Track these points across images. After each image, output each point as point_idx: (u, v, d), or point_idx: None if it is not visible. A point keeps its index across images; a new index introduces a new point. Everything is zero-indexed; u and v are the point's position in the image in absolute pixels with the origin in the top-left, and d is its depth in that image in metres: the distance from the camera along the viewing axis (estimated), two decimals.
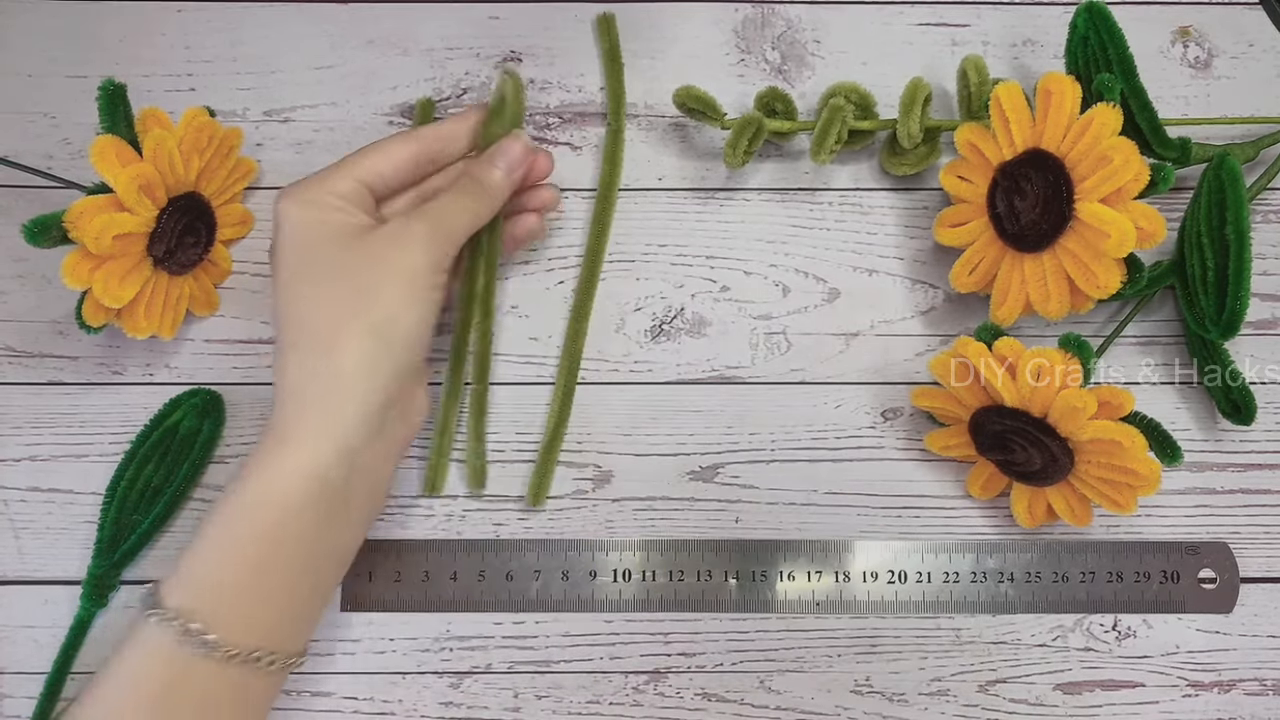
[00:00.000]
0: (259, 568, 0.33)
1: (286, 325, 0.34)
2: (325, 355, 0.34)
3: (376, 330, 0.34)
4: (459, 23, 0.46)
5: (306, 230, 0.35)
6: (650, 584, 0.41)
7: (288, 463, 0.33)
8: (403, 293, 0.34)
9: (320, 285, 0.34)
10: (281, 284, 0.35)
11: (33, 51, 0.45)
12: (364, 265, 0.34)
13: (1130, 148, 0.35)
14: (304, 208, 0.35)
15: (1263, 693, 0.41)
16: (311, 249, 0.35)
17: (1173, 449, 0.38)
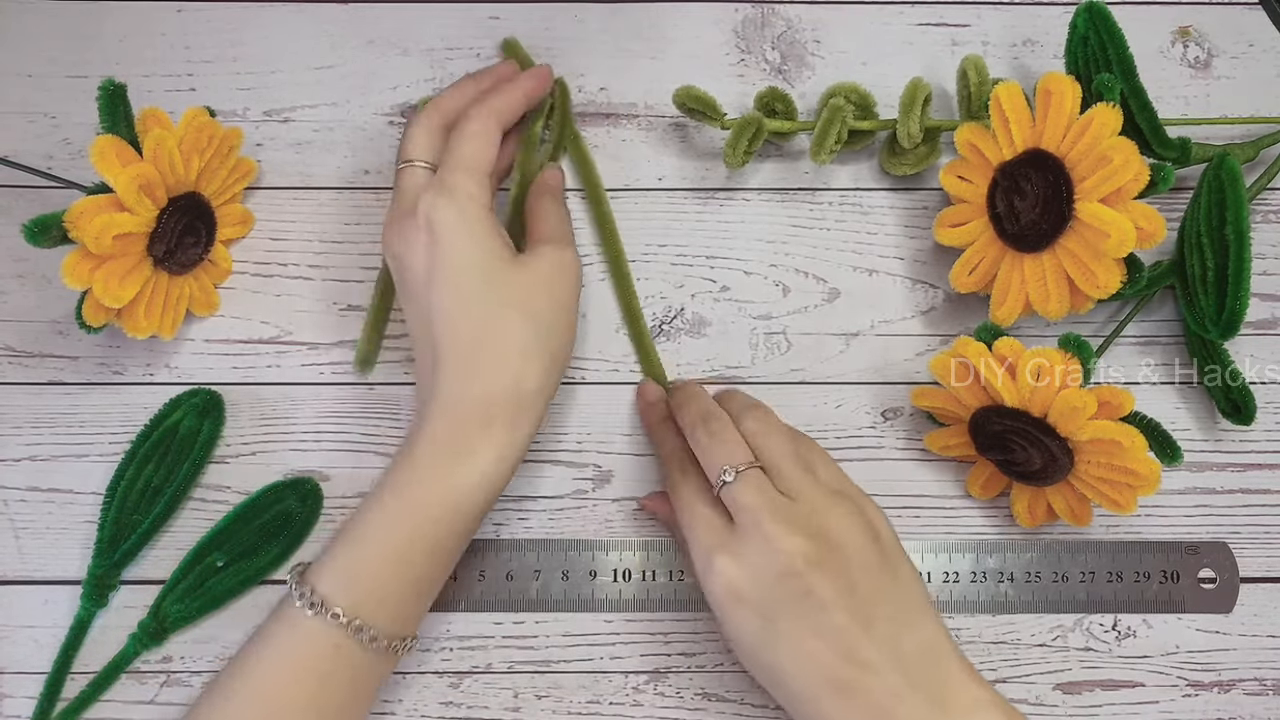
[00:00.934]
0: (423, 576, 0.35)
1: (458, 344, 0.36)
2: (514, 380, 0.35)
3: (554, 358, 0.37)
4: (459, 23, 0.46)
5: (476, 250, 0.36)
6: (650, 584, 0.41)
7: (472, 476, 0.35)
8: (570, 321, 0.38)
9: (502, 311, 0.36)
10: (454, 303, 0.36)
11: (33, 51, 0.45)
12: (536, 294, 0.37)
13: (1130, 148, 0.35)
14: (470, 226, 0.36)
15: (1262, 692, 0.41)
16: (486, 272, 0.36)
17: (1172, 449, 0.38)
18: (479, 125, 0.38)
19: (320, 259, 0.44)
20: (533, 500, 0.42)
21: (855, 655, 0.32)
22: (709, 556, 0.34)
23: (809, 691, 0.32)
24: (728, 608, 0.34)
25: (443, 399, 0.35)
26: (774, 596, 0.33)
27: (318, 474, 0.42)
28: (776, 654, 0.33)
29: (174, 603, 0.40)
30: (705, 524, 0.35)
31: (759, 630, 0.33)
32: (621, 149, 0.45)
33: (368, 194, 0.45)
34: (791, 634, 0.33)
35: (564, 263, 0.38)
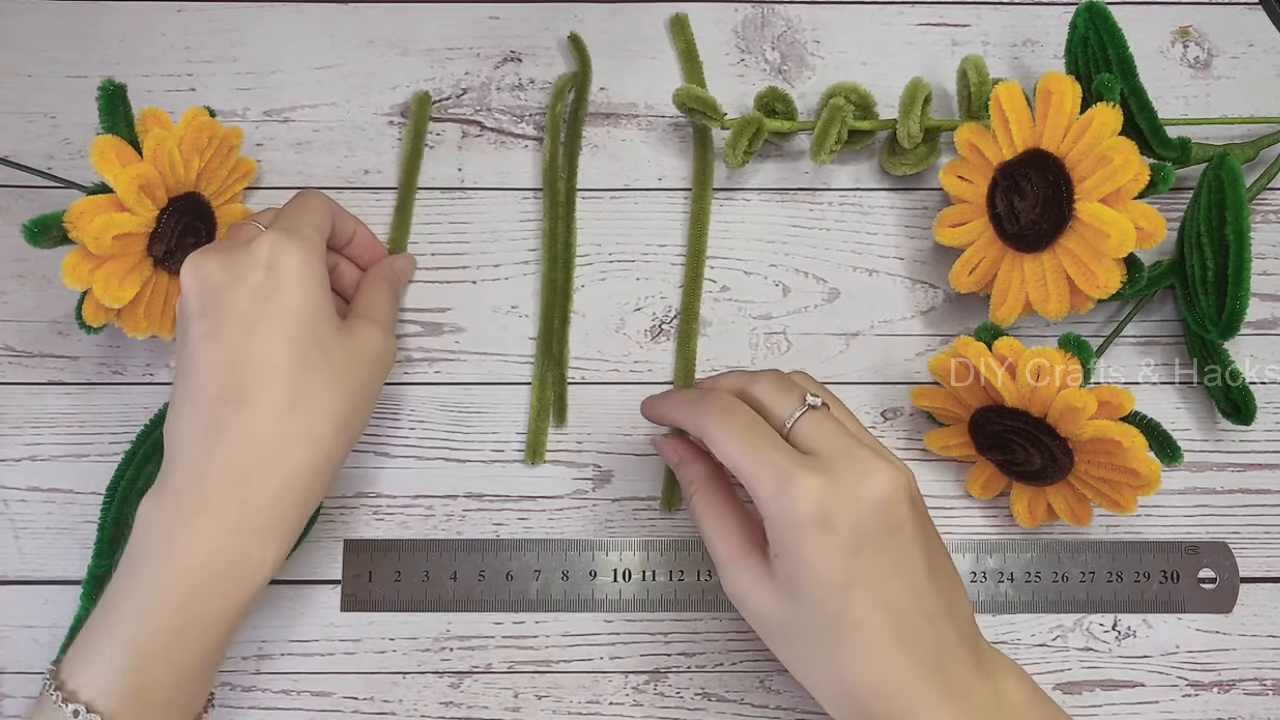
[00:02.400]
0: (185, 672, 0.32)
1: (270, 394, 0.33)
2: (326, 452, 0.34)
3: (352, 438, 0.36)
4: (459, 23, 0.46)
5: (311, 303, 0.34)
6: (650, 584, 0.41)
7: (264, 569, 0.33)
8: (370, 407, 0.37)
9: (323, 374, 0.34)
10: (278, 352, 0.33)
11: (33, 51, 0.45)
12: (357, 368, 0.36)
13: (1130, 148, 0.35)
14: (313, 276, 0.35)
15: (1262, 693, 0.41)
16: (315, 329, 0.34)
17: (1173, 449, 0.38)
18: (319, 199, 0.39)
19: None
20: (533, 500, 0.42)
21: (924, 603, 0.31)
22: (789, 476, 0.30)
23: (872, 637, 0.31)
24: (810, 532, 0.30)
25: (236, 450, 0.33)
26: (866, 527, 0.30)
27: None
28: (850, 592, 0.30)
29: None
30: (779, 450, 0.31)
31: (839, 561, 0.30)
32: (621, 149, 0.45)
33: (368, 194, 0.45)
34: (873, 570, 0.30)
35: (387, 348, 0.37)
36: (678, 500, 0.42)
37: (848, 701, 0.32)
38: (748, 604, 0.33)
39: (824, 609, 0.31)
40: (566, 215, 0.44)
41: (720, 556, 0.34)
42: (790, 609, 0.32)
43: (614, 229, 0.45)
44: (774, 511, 0.31)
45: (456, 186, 0.45)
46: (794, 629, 0.32)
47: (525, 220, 0.45)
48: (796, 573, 0.31)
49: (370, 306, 0.38)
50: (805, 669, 0.33)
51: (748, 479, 0.31)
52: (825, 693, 0.32)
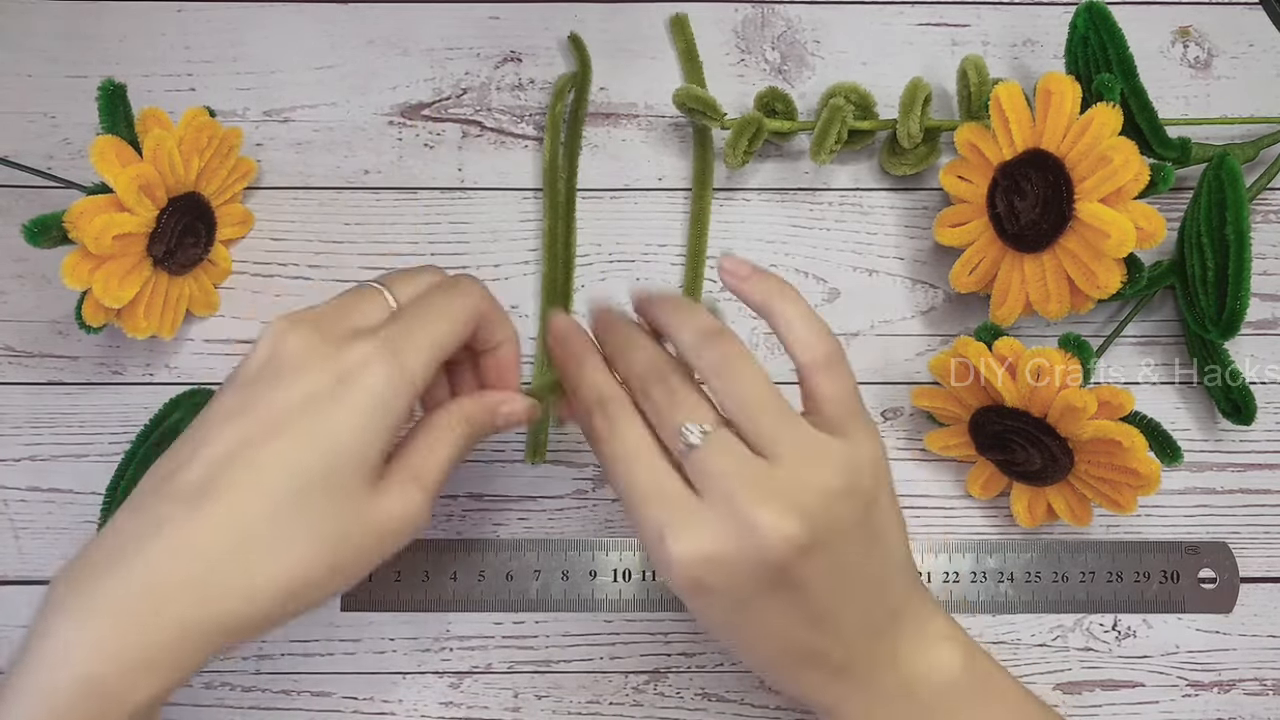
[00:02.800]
0: None
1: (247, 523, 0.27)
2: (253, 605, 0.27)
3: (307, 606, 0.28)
4: (459, 23, 0.46)
5: (362, 443, 0.28)
6: (650, 584, 0.41)
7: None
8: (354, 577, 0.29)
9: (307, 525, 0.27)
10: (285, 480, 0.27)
11: (33, 51, 0.45)
12: (364, 539, 0.28)
13: (1130, 148, 0.35)
14: (384, 411, 0.28)
15: (1263, 693, 0.41)
16: (339, 470, 0.28)
17: (1173, 449, 0.38)
18: (471, 302, 0.31)
19: (320, 259, 0.44)
20: (533, 500, 0.42)
21: (825, 626, 0.30)
22: (662, 533, 0.28)
23: (771, 659, 0.31)
24: (688, 594, 0.29)
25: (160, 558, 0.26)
26: (748, 586, 0.28)
27: None
28: (740, 633, 0.30)
29: None
30: (656, 488, 0.29)
31: (724, 614, 0.29)
32: (621, 149, 0.45)
33: (368, 194, 0.45)
34: (762, 614, 0.29)
35: (418, 521, 0.29)
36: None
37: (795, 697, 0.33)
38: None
39: (720, 636, 0.32)
40: (566, 215, 0.44)
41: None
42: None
43: (614, 229, 0.45)
44: (655, 562, 0.29)
45: (456, 186, 0.45)
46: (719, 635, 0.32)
47: (525, 220, 0.45)
48: (691, 610, 0.31)
49: (424, 465, 0.30)
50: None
51: (630, 511, 0.30)
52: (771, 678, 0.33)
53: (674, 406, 0.29)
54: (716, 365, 0.29)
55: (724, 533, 0.28)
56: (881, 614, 0.31)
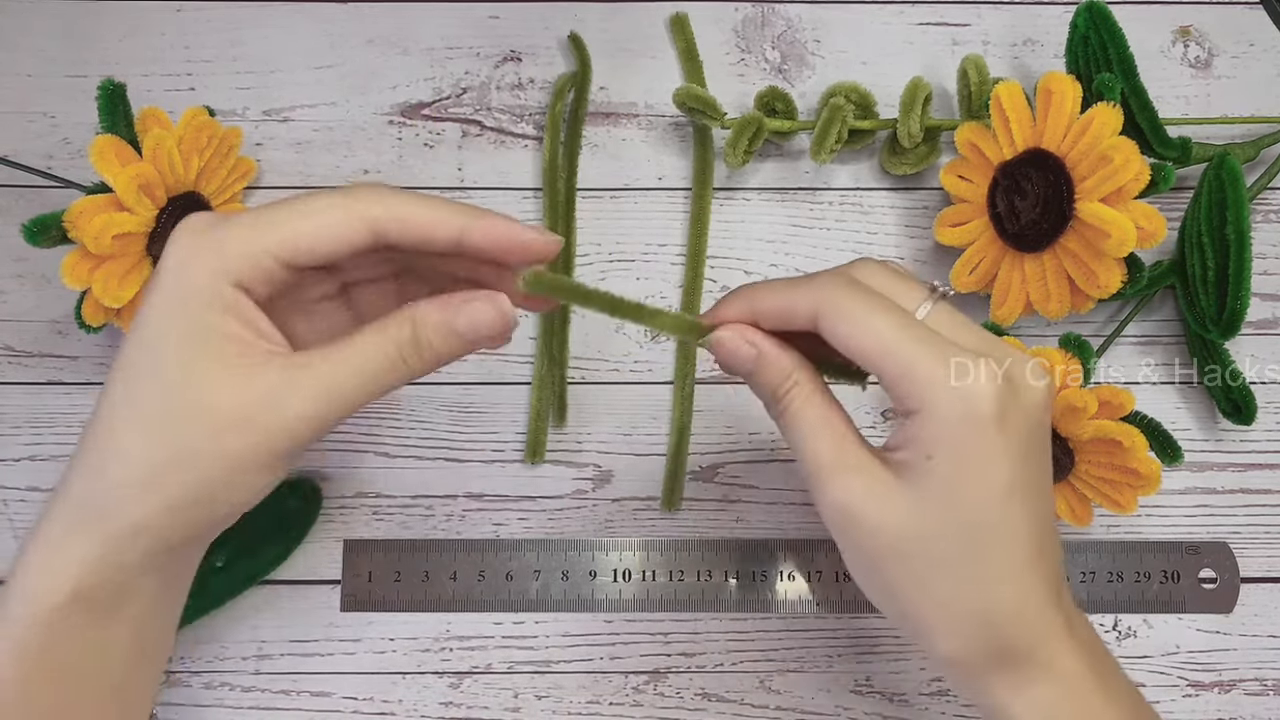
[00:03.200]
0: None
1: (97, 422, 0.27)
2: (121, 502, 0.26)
3: (184, 502, 0.27)
4: (459, 22, 0.46)
5: (174, 319, 0.26)
6: (650, 584, 0.41)
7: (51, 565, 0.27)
8: (234, 473, 0.27)
9: (141, 408, 0.26)
10: (116, 364, 0.27)
11: (33, 51, 0.45)
12: (202, 418, 0.26)
13: (1130, 147, 0.35)
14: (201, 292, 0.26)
15: (1263, 693, 0.41)
16: (162, 350, 0.26)
17: (1173, 449, 0.38)
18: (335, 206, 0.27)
19: None
20: (533, 500, 0.42)
21: (1051, 518, 0.29)
22: (964, 366, 0.26)
23: (1019, 552, 0.27)
24: (988, 430, 0.26)
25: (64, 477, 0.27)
26: (1032, 429, 0.27)
27: (317, 474, 0.42)
28: (1011, 500, 0.27)
29: None
30: (939, 336, 0.27)
31: (1009, 465, 0.26)
32: (621, 149, 0.45)
33: None
34: (1031, 477, 0.27)
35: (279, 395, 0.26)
36: (677, 500, 0.42)
37: (979, 626, 0.27)
38: (864, 515, 0.27)
39: (979, 517, 0.27)
40: (566, 215, 0.44)
41: (827, 461, 0.28)
42: (929, 519, 0.27)
43: (614, 229, 0.45)
44: (943, 404, 0.26)
45: (456, 186, 0.45)
46: (926, 541, 0.27)
47: (525, 220, 0.44)
48: (956, 476, 0.26)
49: (319, 357, 0.27)
50: (924, 590, 0.28)
51: (906, 364, 0.26)
52: (953, 622, 0.28)
53: (898, 285, 0.28)
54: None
55: (1013, 369, 0.27)
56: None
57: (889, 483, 0.27)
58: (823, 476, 0.28)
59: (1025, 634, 0.28)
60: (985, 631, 0.27)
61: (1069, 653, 0.28)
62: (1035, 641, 0.28)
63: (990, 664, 0.28)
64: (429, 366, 0.28)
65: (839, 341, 0.27)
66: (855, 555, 0.28)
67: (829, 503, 0.27)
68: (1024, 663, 0.28)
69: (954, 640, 0.28)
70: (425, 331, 0.27)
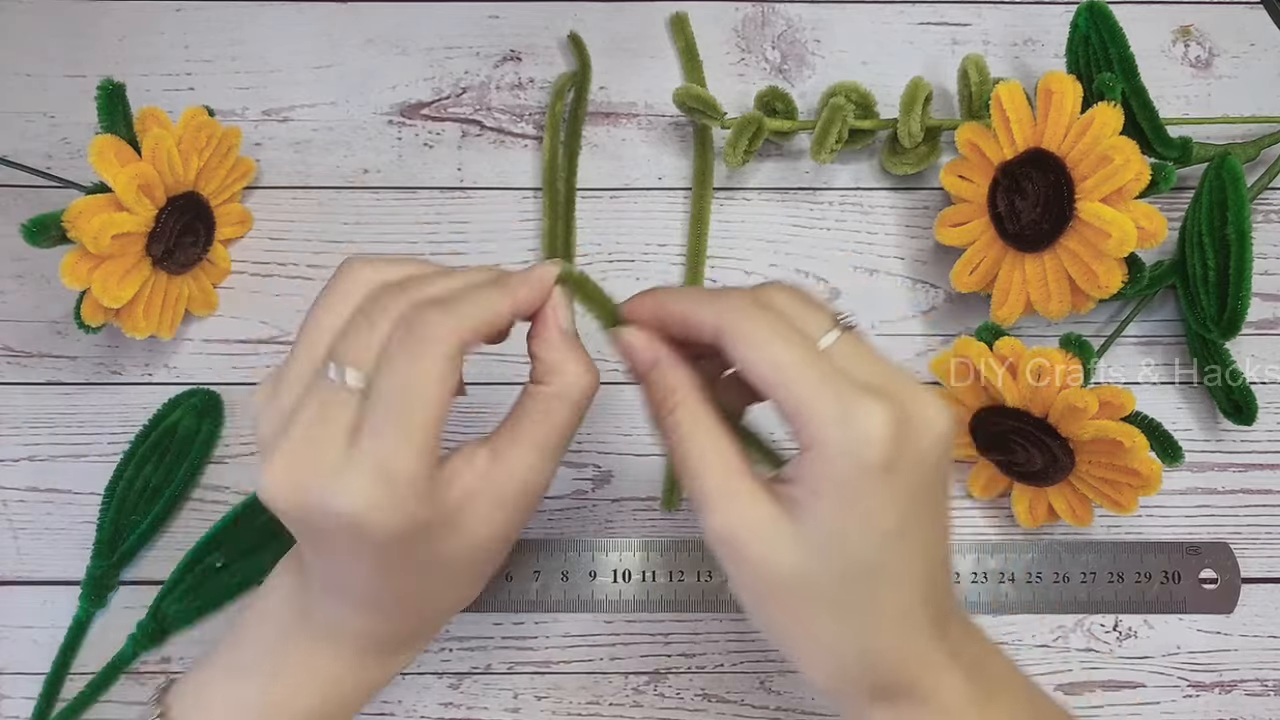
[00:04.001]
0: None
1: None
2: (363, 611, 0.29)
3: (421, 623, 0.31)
4: (458, 22, 0.46)
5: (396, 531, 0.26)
6: (650, 584, 0.41)
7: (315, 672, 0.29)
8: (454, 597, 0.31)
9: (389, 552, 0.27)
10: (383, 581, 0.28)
11: (32, 51, 0.45)
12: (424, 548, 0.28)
13: (1131, 147, 0.35)
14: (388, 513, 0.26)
15: (1264, 693, 0.41)
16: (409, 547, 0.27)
17: (1174, 449, 0.38)
18: (436, 341, 0.27)
19: (319, 259, 0.44)
20: None
21: (946, 552, 0.28)
22: (856, 403, 0.25)
23: (905, 595, 0.27)
24: (875, 474, 0.25)
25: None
26: (924, 470, 0.26)
27: None
28: (897, 543, 0.26)
29: (173, 603, 0.40)
30: (836, 370, 0.26)
31: (896, 508, 0.26)
32: (621, 149, 0.45)
33: (367, 194, 0.45)
34: (920, 518, 0.26)
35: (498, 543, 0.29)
36: (678, 500, 0.42)
37: (857, 665, 0.27)
38: (747, 549, 0.26)
39: (862, 561, 0.26)
40: (566, 215, 0.44)
41: (712, 488, 0.27)
42: (812, 560, 0.26)
43: (614, 229, 0.44)
44: (833, 444, 0.25)
45: (456, 186, 0.45)
46: (808, 583, 0.26)
47: (525, 220, 0.44)
48: (842, 518, 0.25)
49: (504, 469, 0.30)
50: (809, 631, 0.27)
51: (799, 399, 0.25)
52: (831, 659, 0.27)
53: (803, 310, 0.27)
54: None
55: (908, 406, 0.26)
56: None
57: (775, 518, 0.26)
58: (708, 505, 0.27)
59: (905, 671, 0.27)
60: (862, 670, 0.27)
61: (951, 684, 0.27)
62: (915, 676, 0.27)
63: (866, 697, 0.27)
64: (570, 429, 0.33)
65: (738, 363, 0.26)
66: (737, 585, 0.28)
67: (713, 531, 0.27)
68: (903, 696, 0.27)
69: (830, 677, 0.28)
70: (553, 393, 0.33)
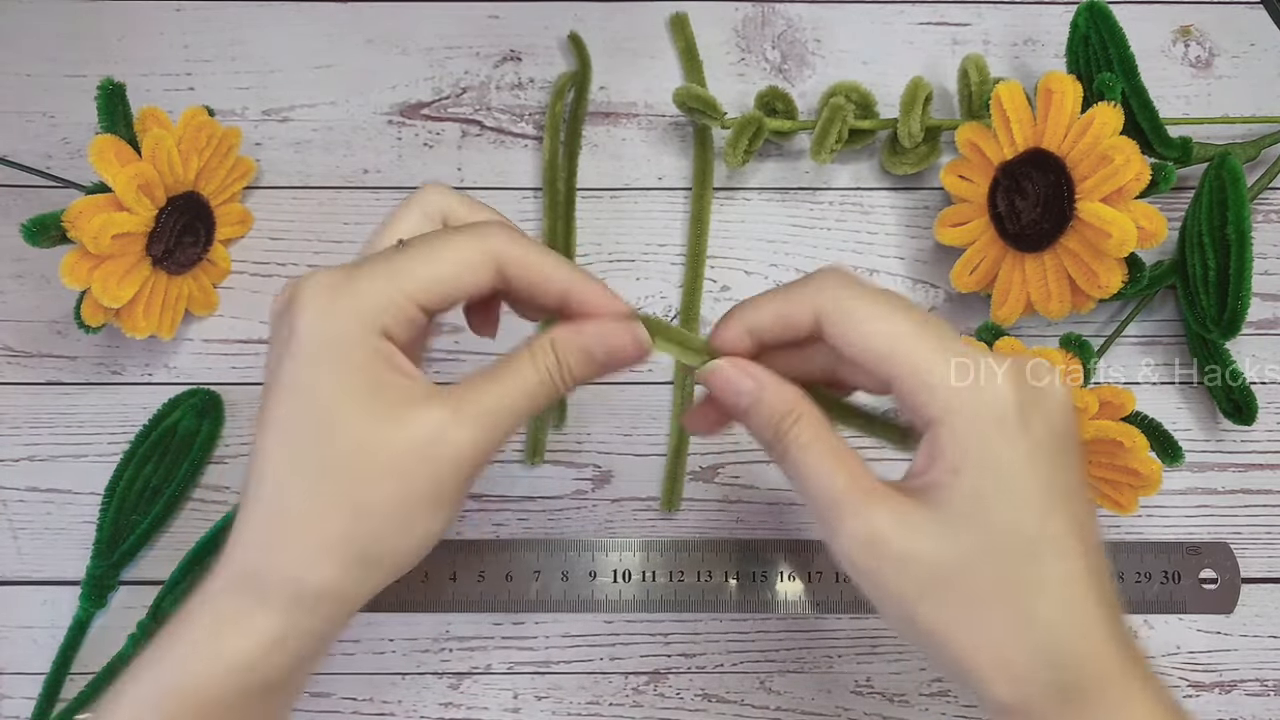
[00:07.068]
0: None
1: (258, 498, 0.26)
2: (288, 554, 0.26)
3: (362, 558, 0.26)
4: (458, 22, 0.46)
5: (333, 373, 0.25)
6: (650, 584, 0.41)
7: (234, 656, 0.25)
8: (408, 518, 0.26)
9: (305, 464, 0.26)
10: (267, 422, 0.26)
11: (32, 51, 0.45)
12: (370, 465, 0.25)
13: (1131, 147, 0.35)
14: (351, 343, 0.25)
15: (1264, 693, 0.41)
16: (318, 411, 0.25)
17: (1174, 449, 0.38)
18: (464, 250, 0.27)
19: (319, 259, 0.44)
20: (533, 500, 0.42)
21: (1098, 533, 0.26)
22: (978, 363, 0.24)
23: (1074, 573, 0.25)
24: (1011, 433, 0.24)
25: (228, 552, 0.26)
26: (1056, 431, 0.25)
27: None
28: (1051, 514, 0.25)
29: (173, 603, 0.40)
30: (942, 342, 0.25)
31: (1040, 471, 0.25)
32: (622, 149, 0.45)
33: (367, 193, 0.45)
34: (1066, 485, 0.25)
35: (436, 436, 0.26)
36: (678, 500, 0.42)
37: (1038, 664, 0.24)
38: (892, 545, 0.25)
39: (1018, 530, 0.24)
40: (566, 215, 0.44)
41: (844, 492, 0.25)
42: (963, 540, 0.24)
43: (614, 229, 0.44)
44: (963, 408, 0.24)
45: (456, 186, 0.45)
46: (965, 569, 0.24)
47: (525, 220, 0.44)
48: (987, 487, 0.24)
49: (473, 388, 0.27)
50: (969, 628, 0.25)
51: (920, 366, 0.24)
52: (1000, 658, 0.24)
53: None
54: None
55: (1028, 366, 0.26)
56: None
57: (915, 509, 0.25)
58: (842, 509, 0.25)
59: (1092, 669, 0.24)
60: (1046, 671, 0.24)
61: (1142, 696, 0.25)
62: (1104, 679, 0.24)
63: (1053, 709, 0.24)
64: (570, 388, 0.28)
65: (846, 345, 0.26)
66: (886, 598, 0.25)
67: (851, 535, 0.25)
68: (1093, 706, 0.24)
69: (1010, 685, 0.24)
70: (568, 358, 0.28)
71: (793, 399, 0.28)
